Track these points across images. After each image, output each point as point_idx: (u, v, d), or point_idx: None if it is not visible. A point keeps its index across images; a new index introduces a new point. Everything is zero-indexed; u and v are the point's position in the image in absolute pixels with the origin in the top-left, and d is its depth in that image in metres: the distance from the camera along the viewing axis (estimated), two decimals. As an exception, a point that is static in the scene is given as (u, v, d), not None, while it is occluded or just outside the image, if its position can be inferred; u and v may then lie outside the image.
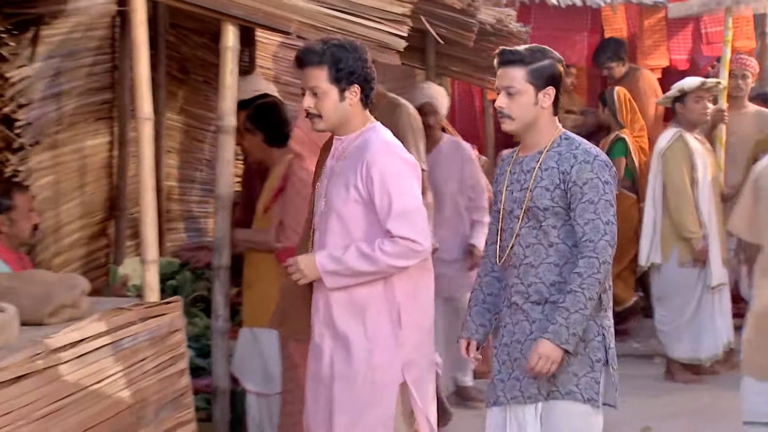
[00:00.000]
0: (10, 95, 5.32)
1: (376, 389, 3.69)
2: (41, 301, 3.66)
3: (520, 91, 3.56)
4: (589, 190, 3.51)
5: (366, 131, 3.79)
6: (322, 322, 3.77)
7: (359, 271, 3.65)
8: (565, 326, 3.44)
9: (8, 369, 3.14)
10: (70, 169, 5.88)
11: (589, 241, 3.49)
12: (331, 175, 3.79)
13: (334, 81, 3.71)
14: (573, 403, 3.54)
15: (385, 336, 3.71)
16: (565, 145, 3.60)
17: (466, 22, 5.85)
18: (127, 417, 3.69)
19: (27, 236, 4.97)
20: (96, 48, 6.06)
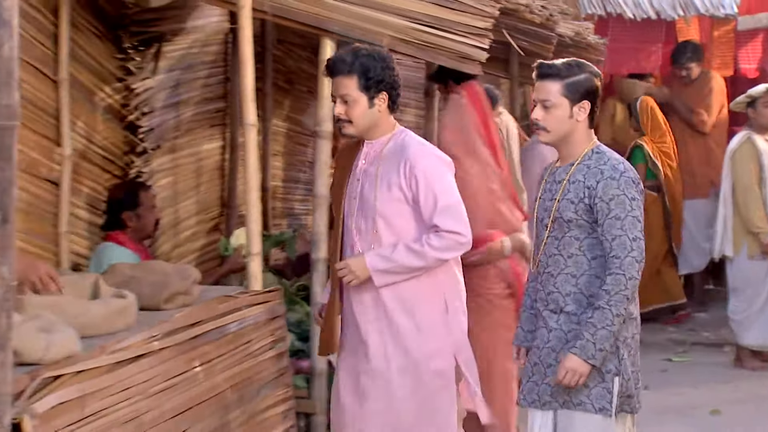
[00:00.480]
0: (135, 104, 5.44)
1: (436, 375, 3.64)
2: (158, 289, 3.73)
3: (555, 104, 3.41)
4: (615, 207, 3.33)
5: (396, 134, 3.72)
6: (371, 320, 3.65)
7: (409, 266, 3.58)
8: (592, 342, 3.28)
9: (128, 349, 3.20)
10: (187, 170, 5.96)
11: (615, 258, 3.32)
12: (366, 177, 3.69)
13: (363, 89, 3.64)
14: (584, 414, 3.38)
15: (435, 324, 3.65)
16: (595, 159, 3.43)
17: (546, 35, 5.80)
18: (232, 394, 3.73)
19: (151, 230, 5.08)
20: (211, 62, 6.14)
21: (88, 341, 3.11)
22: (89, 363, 2.98)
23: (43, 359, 2.88)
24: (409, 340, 3.62)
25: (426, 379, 3.62)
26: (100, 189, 5.26)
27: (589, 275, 3.39)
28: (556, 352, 3.41)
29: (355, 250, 3.68)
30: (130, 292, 3.52)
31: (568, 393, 3.37)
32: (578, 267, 3.40)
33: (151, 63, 5.55)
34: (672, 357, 7.47)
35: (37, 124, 4.77)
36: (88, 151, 5.20)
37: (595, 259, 3.39)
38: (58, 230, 4.89)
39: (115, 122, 5.42)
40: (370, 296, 3.65)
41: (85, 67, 5.12)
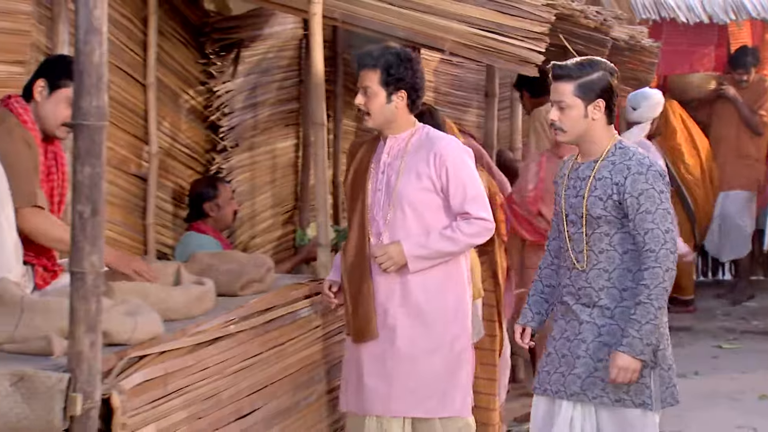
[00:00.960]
0: (216, 106, 5.49)
1: (457, 357, 3.60)
2: (235, 277, 3.76)
3: (569, 105, 3.26)
4: (645, 201, 3.19)
5: (419, 130, 3.68)
6: (398, 304, 3.58)
7: (443, 252, 3.55)
8: (638, 338, 3.15)
9: (207, 332, 3.23)
10: (263, 167, 5.98)
11: (650, 251, 3.18)
12: (392, 169, 3.62)
13: (383, 84, 3.58)
14: (624, 409, 3.25)
15: (458, 308, 3.62)
16: (620, 154, 3.29)
17: (601, 38, 5.68)
18: (302, 375, 3.75)
19: (229, 221, 5.13)
20: (286, 66, 6.15)
21: (170, 324, 3.16)
22: (172, 344, 3.02)
23: (129, 340, 2.92)
24: (436, 323, 3.58)
25: (450, 358, 3.60)
26: (183, 184, 5.32)
27: (621, 269, 3.27)
28: (586, 344, 3.28)
29: (382, 239, 3.60)
30: (209, 280, 3.55)
31: (603, 389, 3.24)
32: (610, 262, 3.27)
33: (231, 67, 5.59)
34: (722, 344, 7.34)
35: (127, 124, 4.85)
36: (173, 149, 5.26)
37: (626, 254, 3.27)
38: (145, 222, 4.97)
39: (198, 122, 5.48)
40: (398, 282, 3.58)
41: (170, 72, 5.18)
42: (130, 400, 2.72)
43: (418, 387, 3.55)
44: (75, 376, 2.54)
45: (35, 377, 2.55)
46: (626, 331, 3.18)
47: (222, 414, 3.20)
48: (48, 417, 2.52)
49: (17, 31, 3.96)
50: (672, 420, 5.44)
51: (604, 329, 3.27)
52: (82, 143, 2.57)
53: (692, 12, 8.80)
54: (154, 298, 3.22)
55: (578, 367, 3.28)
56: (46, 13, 4.14)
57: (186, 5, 5.30)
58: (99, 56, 2.57)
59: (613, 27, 5.79)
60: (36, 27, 4.08)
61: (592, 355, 3.27)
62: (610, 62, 6.54)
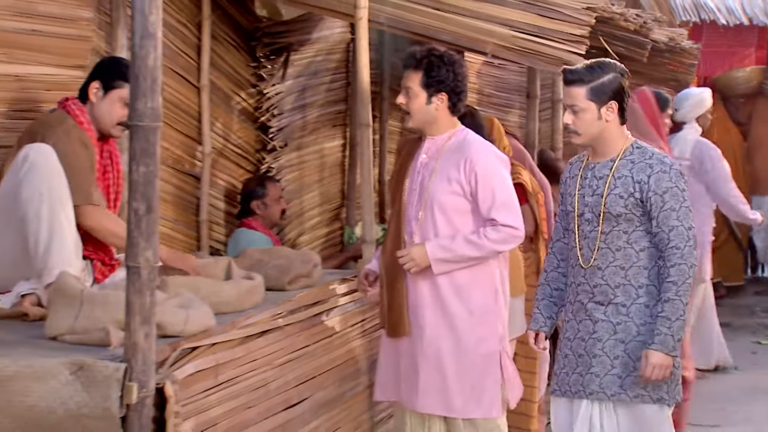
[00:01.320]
0: (266, 107, 5.51)
1: (483, 359, 3.49)
2: (283, 272, 3.76)
3: (583, 108, 3.19)
4: (670, 198, 3.14)
5: (457, 133, 3.58)
6: (428, 305, 3.51)
7: (467, 256, 3.45)
8: (670, 335, 3.09)
9: (256, 324, 3.24)
10: (311, 166, 5.99)
11: (676, 248, 3.12)
12: (427, 170, 3.55)
13: (424, 86, 3.51)
14: (642, 405, 3.18)
15: (486, 311, 3.51)
16: (638, 154, 3.22)
17: (640, 40, 5.60)
18: (347, 367, 3.75)
19: (276, 218, 5.14)
20: (334, 69, 6.16)
21: (221, 317, 3.16)
22: (222, 336, 3.03)
23: (182, 332, 2.94)
24: (461, 325, 3.49)
25: (475, 361, 3.48)
26: (235, 182, 5.35)
27: (637, 267, 3.19)
28: (602, 342, 3.21)
29: (414, 239, 3.55)
30: (258, 275, 3.56)
31: (621, 386, 3.18)
32: (627, 259, 3.20)
33: (281, 70, 5.61)
34: (761, 340, 7.22)
35: (182, 125, 4.89)
36: (225, 149, 5.29)
37: (643, 251, 3.20)
38: (198, 219, 5.01)
39: (249, 123, 5.50)
40: (427, 283, 3.51)
41: (223, 75, 5.21)
42: (183, 390, 2.73)
43: (444, 386, 3.48)
44: (131, 366, 2.57)
45: (94, 367, 2.58)
46: (657, 328, 3.11)
47: (270, 404, 3.21)
48: (105, 404, 2.55)
49: (79, 37, 4.01)
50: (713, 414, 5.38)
51: (619, 327, 3.20)
52: (137, 143, 2.60)
53: (732, 14, 8.67)
54: (205, 292, 3.23)
55: (595, 366, 3.21)
56: (106, 19, 4.19)
57: (238, 11, 5.33)
58: (154, 60, 2.59)
59: (652, 29, 5.70)
60: (96, 33, 4.13)
61: (608, 353, 3.20)
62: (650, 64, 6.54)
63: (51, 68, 3.83)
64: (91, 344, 2.82)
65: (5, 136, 3.58)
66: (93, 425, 2.57)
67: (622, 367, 3.18)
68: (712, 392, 5.96)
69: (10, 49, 3.74)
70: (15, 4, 3.77)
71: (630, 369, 3.17)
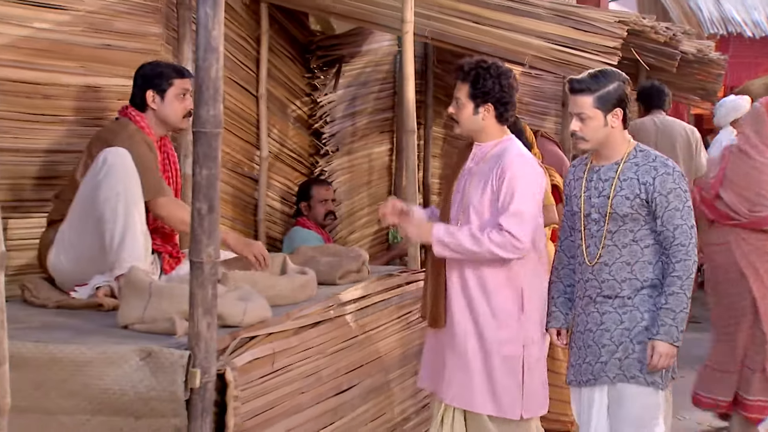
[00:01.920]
0: (319, 115, 5.54)
1: (505, 360, 3.35)
2: (334, 267, 3.76)
3: (590, 116, 3.14)
4: (674, 199, 3.10)
5: (503, 141, 3.44)
6: (459, 301, 3.40)
7: (465, 248, 3.30)
8: (674, 326, 3.05)
9: (309, 316, 3.24)
10: (361, 169, 6.01)
11: (681, 245, 3.09)
12: (470, 175, 3.46)
13: (471, 97, 3.40)
14: (638, 387, 3.13)
15: (509, 314, 3.36)
16: (641, 156, 3.17)
17: (670, 52, 5.54)
18: (392, 357, 3.72)
19: (321, 219, 5.13)
20: (382, 79, 6.16)
21: (277, 309, 3.17)
22: (278, 327, 3.03)
23: (241, 323, 2.95)
24: (485, 325, 3.37)
25: (496, 363, 3.35)
26: (290, 184, 5.38)
27: (642, 262, 3.15)
28: (610, 332, 3.16)
29: None
30: (311, 270, 3.56)
31: (620, 368, 3.15)
32: (633, 255, 3.16)
33: (333, 80, 5.63)
34: None
35: (241, 131, 4.92)
36: (281, 153, 5.32)
37: (647, 248, 3.15)
38: (256, 218, 5.04)
39: (303, 129, 5.53)
40: (458, 281, 3.42)
41: (280, 85, 5.24)
42: (242, 376, 2.74)
43: (467, 381, 3.38)
44: (194, 354, 2.58)
45: (161, 354, 2.61)
46: (662, 320, 3.09)
47: (322, 390, 3.21)
48: (172, 388, 2.57)
49: (149, 51, 4.05)
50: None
51: (625, 316, 3.17)
52: (200, 148, 2.61)
53: (758, 27, 8.53)
54: (262, 286, 3.24)
55: (604, 355, 3.18)
56: (173, 34, 4.23)
57: (294, 26, 5.36)
58: (216, 71, 2.60)
59: (681, 41, 5.63)
60: (164, 47, 4.17)
61: (615, 342, 3.18)
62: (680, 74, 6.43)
63: (122, 80, 3.87)
64: (158, 333, 2.84)
65: (81, 143, 3.64)
66: (160, 407, 2.59)
67: (623, 351, 3.16)
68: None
69: (87, 62, 3.80)
70: (93, 20, 3.82)
71: (629, 352, 3.15)
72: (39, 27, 3.62)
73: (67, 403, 2.63)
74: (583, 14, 4.61)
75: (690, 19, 8.46)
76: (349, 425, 3.36)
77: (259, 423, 2.83)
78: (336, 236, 5.63)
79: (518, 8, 4.64)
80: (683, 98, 7.72)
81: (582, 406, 3.28)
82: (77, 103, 3.79)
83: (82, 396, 2.62)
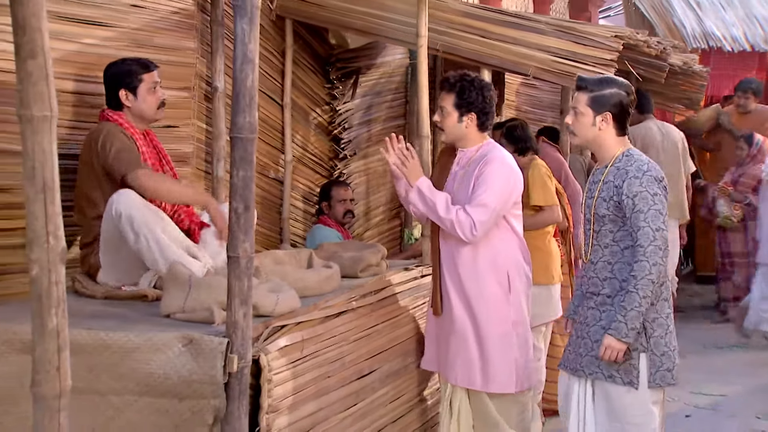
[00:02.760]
0: (338, 122, 5.52)
1: (499, 339, 3.37)
2: (355, 262, 3.74)
3: (582, 112, 3.08)
4: (639, 202, 2.99)
5: (484, 146, 3.46)
6: (454, 290, 3.43)
7: (434, 209, 3.33)
8: (623, 323, 2.96)
9: (334, 306, 3.23)
10: (375, 172, 5.98)
11: (640, 246, 2.97)
12: (456, 178, 3.46)
13: (456, 106, 3.41)
14: (614, 385, 3.05)
15: (497, 299, 3.38)
16: (624, 161, 3.08)
17: (660, 64, 5.50)
18: (410, 344, 3.70)
19: (340, 218, 5.10)
20: (394, 89, 6.14)
21: (305, 300, 3.16)
22: (306, 316, 3.02)
23: (273, 313, 2.93)
24: (478, 308, 3.39)
25: (490, 343, 3.37)
26: (312, 186, 5.36)
27: (622, 262, 3.07)
28: (590, 327, 3.12)
29: (446, 238, 3.46)
30: (335, 264, 3.54)
31: (598, 366, 3.07)
32: (613, 255, 3.09)
33: (351, 90, 5.61)
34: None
35: (268, 137, 4.90)
36: (304, 157, 5.30)
37: (627, 249, 3.07)
38: (281, 217, 5.02)
39: (324, 135, 5.50)
40: (455, 272, 3.42)
41: (302, 94, 5.22)
42: (274, 361, 2.73)
43: (467, 363, 3.39)
44: (232, 341, 2.57)
45: (201, 341, 2.59)
46: (615, 316, 3.01)
47: (346, 374, 3.19)
48: (212, 372, 2.55)
49: (184, 64, 4.04)
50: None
51: (603, 314, 3.09)
52: (237, 152, 2.58)
53: (736, 41, 8.47)
54: (292, 278, 3.22)
55: (582, 348, 3.13)
56: (207, 48, 4.21)
57: (316, 40, 5.34)
58: (251, 81, 2.58)
59: (670, 55, 5.58)
60: (199, 60, 4.16)
61: (591, 337, 3.11)
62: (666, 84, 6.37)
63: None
64: (197, 322, 2.83)
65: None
66: (201, 389, 2.57)
67: (599, 349, 3.06)
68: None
69: (130, 74, 3.77)
70: (136, 36, 3.81)
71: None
72: (88, 42, 3.61)
73: (116, 385, 2.61)
74: (582, 29, 4.58)
75: (674, 34, 8.40)
76: (370, 406, 3.34)
77: (290, 404, 2.82)
78: (353, 233, 5.61)
79: (522, 24, 4.61)
80: (669, 107, 7.66)
81: (565, 390, 3.22)
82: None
83: (130, 379, 2.61)
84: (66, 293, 1.86)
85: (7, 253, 3.30)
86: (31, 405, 2.63)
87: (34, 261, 1.84)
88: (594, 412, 3.12)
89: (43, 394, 1.86)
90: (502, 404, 3.43)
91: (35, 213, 1.83)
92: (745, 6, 8.93)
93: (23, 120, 1.81)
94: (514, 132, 4.90)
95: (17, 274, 3.29)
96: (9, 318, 2.78)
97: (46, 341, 1.86)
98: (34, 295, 1.86)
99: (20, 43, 1.77)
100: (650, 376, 3.03)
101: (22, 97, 1.79)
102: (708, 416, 4.95)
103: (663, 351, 3.05)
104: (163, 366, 2.58)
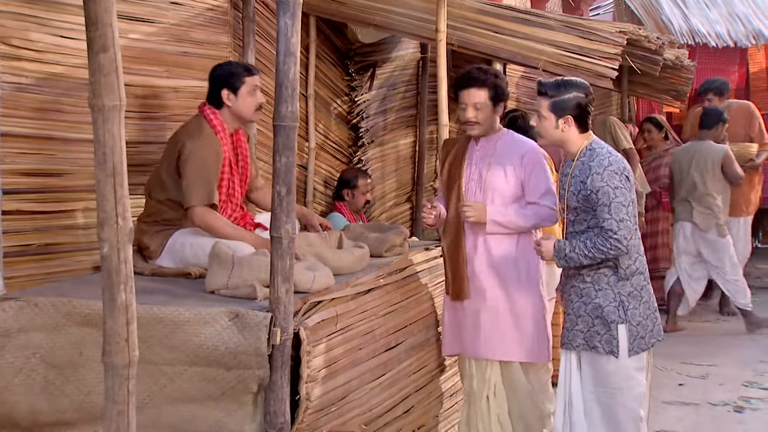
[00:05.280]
0: (356, 111, 5.47)
1: (532, 315, 3.42)
2: (381, 242, 3.70)
3: (544, 116, 3.08)
4: (602, 196, 2.99)
5: (505, 133, 3.50)
6: (485, 272, 3.44)
7: (515, 223, 3.37)
8: (565, 251, 3.05)
9: (364, 284, 3.21)
10: (390, 159, 5.94)
11: (606, 230, 3.01)
12: (482, 164, 3.46)
13: (491, 99, 3.40)
14: (597, 355, 3.08)
15: (528, 278, 3.43)
16: (587, 156, 3.08)
17: (655, 58, 5.46)
18: (432, 318, 3.69)
19: (359, 207, 5.06)
20: (407, 81, 6.09)
21: (338, 278, 3.14)
22: (340, 293, 3.01)
23: (310, 290, 2.92)
24: (512, 287, 3.42)
25: (525, 316, 3.41)
26: (332, 171, 5.32)
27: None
28: (573, 303, 3.14)
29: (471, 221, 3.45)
30: (365, 244, 3.52)
31: (583, 338, 3.10)
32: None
33: (368, 82, 5.57)
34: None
35: (293, 126, 4.85)
36: (325, 145, 5.26)
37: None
38: (305, 200, 4.99)
39: (343, 124, 5.47)
40: (485, 255, 3.44)
41: (324, 86, 5.18)
42: (312, 334, 2.72)
43: (502, 336, 3.43)
44: (275, 315, 2.55)
45: (246, 315, 2.57)
46: (571, 243, 3.07)
47: (376, 346, 3.18)
48: (256, 345, 2.53)
49: (218, 57, 3.98)
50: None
51: (584, 291, 3.12)
52: (279, 139, 2.55)
53: (720, 38, 8.41)
54: (327, 258, 3.20)
55: (567, 322, 3.16)
56: (239, 43, 4.16)
57: (337, 36, 5.29)
58: (293, 73, 2.55)
59: (665, 50, 5.53)
60: (232, 54, 4.11)
61: (575, 312, 3.13)
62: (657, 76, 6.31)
63: (197, 81, 3.81)
64: (241, 297, 2.81)
65: (165, 135, 3.58)
66: (247, 360, 2.55)
67: (583, 324, 3.10)
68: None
69: (170, 67, 3.75)
70: (175, 31, 3.77)
71: (590, 325, 3.09)
72: (133, 37, 3.56)
73: (169, 356, 2.59)
74: (588, 25, 4.54)
75: (662, 30, 8.33)
76: (397, 376, 3.33)
77: (326, 374, 2.80)
78: (371, 216, 5.58)
79: (532, 20, 4.57)
80: (658, 98, 7.61)
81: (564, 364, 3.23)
82: (161, 102, 3.73)
83: (180, 350, 2.59)
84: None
85: (60, 233, 3.27)
86: (89, 373, 2.62)
87: (104, 240, 1.82)
88: (580, 380, 3.15)
89: (114, 363, 1.84)
90: (537, 373, 3.49)
91: (106, 195, 1.80)
92: (728, 4, 8.87)
93: (95, 109, 1.77)
94: (516, 122, 4.88)
95: (69, 253, 3.26)
96: (67, 293, 2.76)
97: (116, 315, 1.84)
98: (104, 272, 1.84)
99: (92, 38, 1.74)
100: (629, 344, 3.06)
101: (94, 88, 1.75)
102: (699, 384, 4.96)
103: (638, 321, 3.06)
104: (212, 338, 2.56)
